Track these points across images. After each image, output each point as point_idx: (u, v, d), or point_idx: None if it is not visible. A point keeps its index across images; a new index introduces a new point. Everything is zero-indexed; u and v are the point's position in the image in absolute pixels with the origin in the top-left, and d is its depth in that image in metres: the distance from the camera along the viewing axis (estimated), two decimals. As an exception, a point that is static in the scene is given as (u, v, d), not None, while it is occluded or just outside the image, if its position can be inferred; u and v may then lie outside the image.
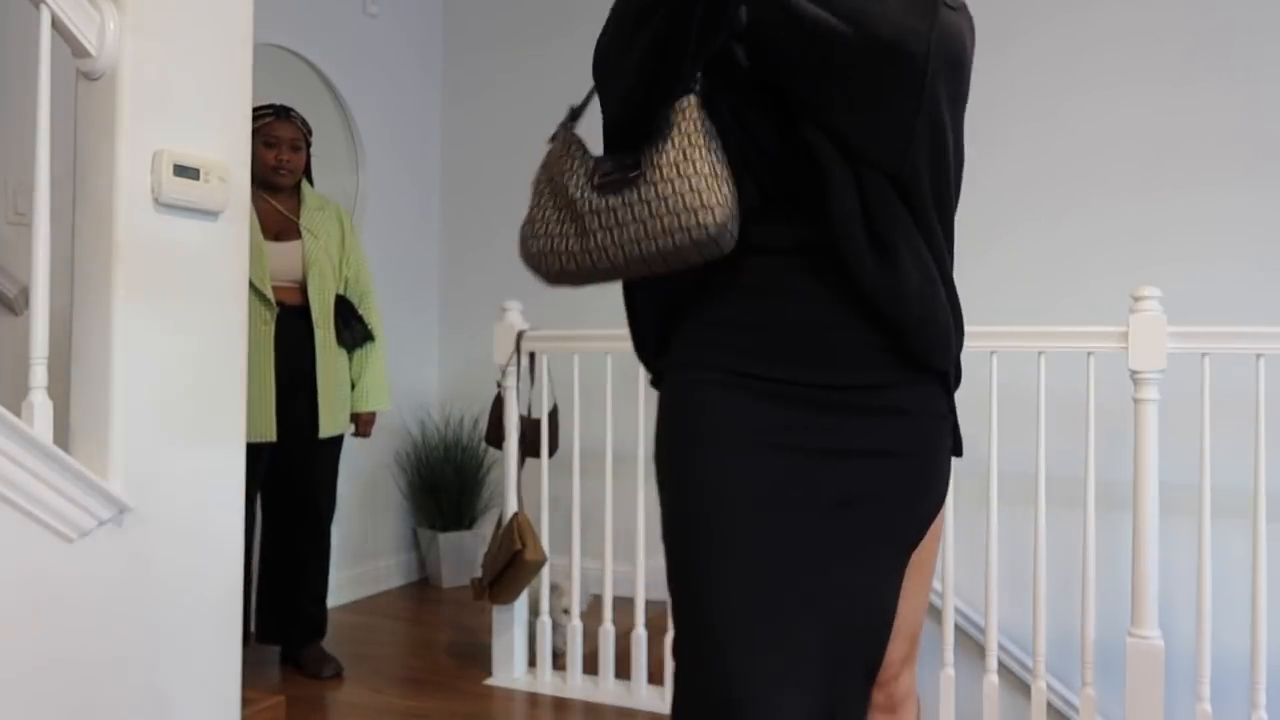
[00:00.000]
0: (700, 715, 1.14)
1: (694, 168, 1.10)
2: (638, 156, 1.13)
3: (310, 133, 3.03)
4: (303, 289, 2.90)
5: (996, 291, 3.36)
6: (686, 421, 1.21)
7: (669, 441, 1.22)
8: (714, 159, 1.10)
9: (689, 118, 1.12)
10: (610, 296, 2.57)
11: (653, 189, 1.10)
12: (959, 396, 1.48)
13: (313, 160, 3.08)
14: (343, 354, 2.98)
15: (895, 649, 1.30)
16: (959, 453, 1.36)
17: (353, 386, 3.02)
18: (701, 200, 1.08)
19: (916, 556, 1.27)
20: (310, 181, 3.07)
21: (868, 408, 1.19)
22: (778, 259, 1.19)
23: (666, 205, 1.09)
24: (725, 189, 1.10)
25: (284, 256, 2.88)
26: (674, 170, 1.10)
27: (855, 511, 1.18)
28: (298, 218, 2.94)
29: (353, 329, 2.99)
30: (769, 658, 1.12)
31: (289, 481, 2.95)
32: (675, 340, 1.27)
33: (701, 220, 1.08)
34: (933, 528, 1.30)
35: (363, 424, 3.08)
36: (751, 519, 1.15)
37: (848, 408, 1.19)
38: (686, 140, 1.11)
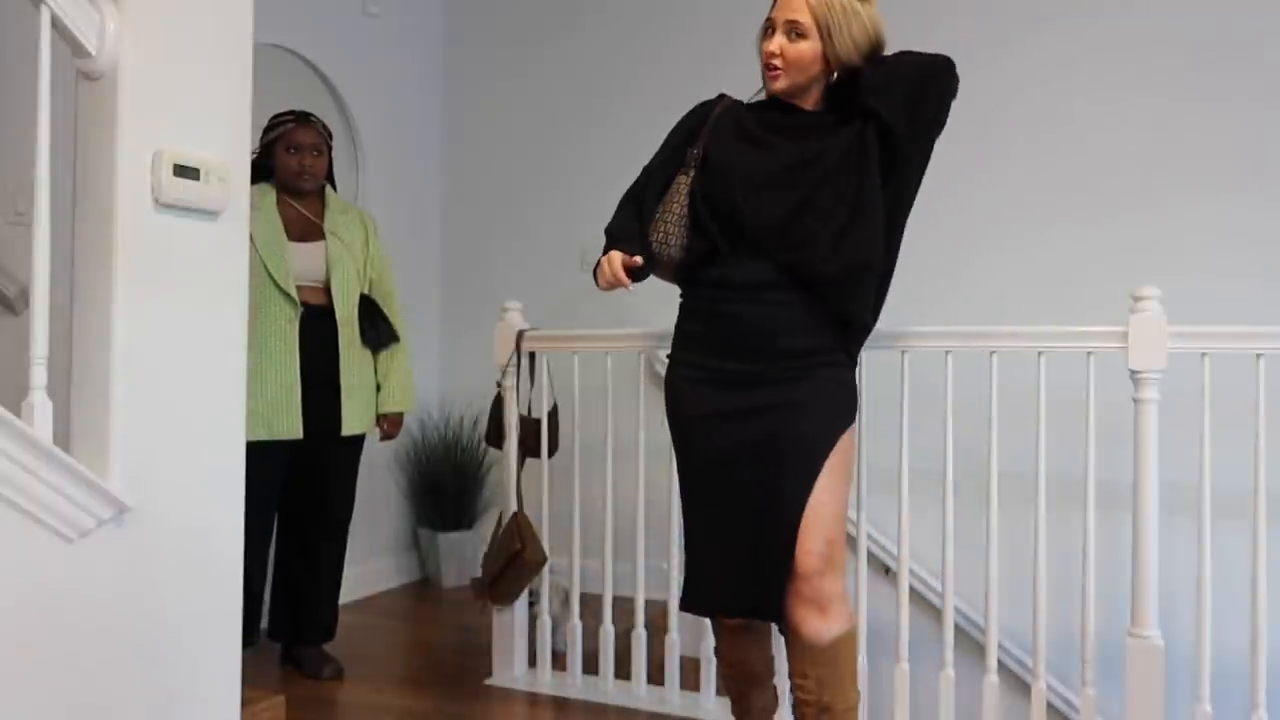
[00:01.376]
0: (687, 582, 2.02)
1: (670, 213, 2.03)
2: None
3: (331, 136, 3.04)
4: (327, 289, 2.91)
5: (997, 292, 3.36)
6: (669, 397, 2.06)
7: (666, 403, 2.06)
8: (681, 211, 2.02)
9: (679, 188, 2.03)
10: (608, 299, 2.58)
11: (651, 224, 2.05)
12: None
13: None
14: (367, 354, 2.99)
15: (811, 539, 1.88)
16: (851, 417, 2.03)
17: (378, 388, 3.03)
18: (660, 230, 2.03)
19: (826, 465, 1.91)
20: (333, 186, 3.08)
21: (777, 381, 1.93)
22: (724, 291, 1.96)
23: (653, 229, 2.04)
24: (674, 230, 2.02)
25: (307, 257, 2.89)
26: (660, 212, 2.04)
27: (770, 444, 1.90)
28: (321, 220, 2.96)
29: (378, 329, 2.99)
30: (710, 542, 1.97)
31: (309, 480, 2.95)
32: (674, 338, 2.08)
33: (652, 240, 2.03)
34: (834, 452, 1.93)
35: (389, 425, 3.08)
36: (703, 459, 1.98)
37: (762, 382, 1.94)
38: (671, 200, 2.04)
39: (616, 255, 1.97)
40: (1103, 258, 3.25)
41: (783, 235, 1.92)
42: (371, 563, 4.02)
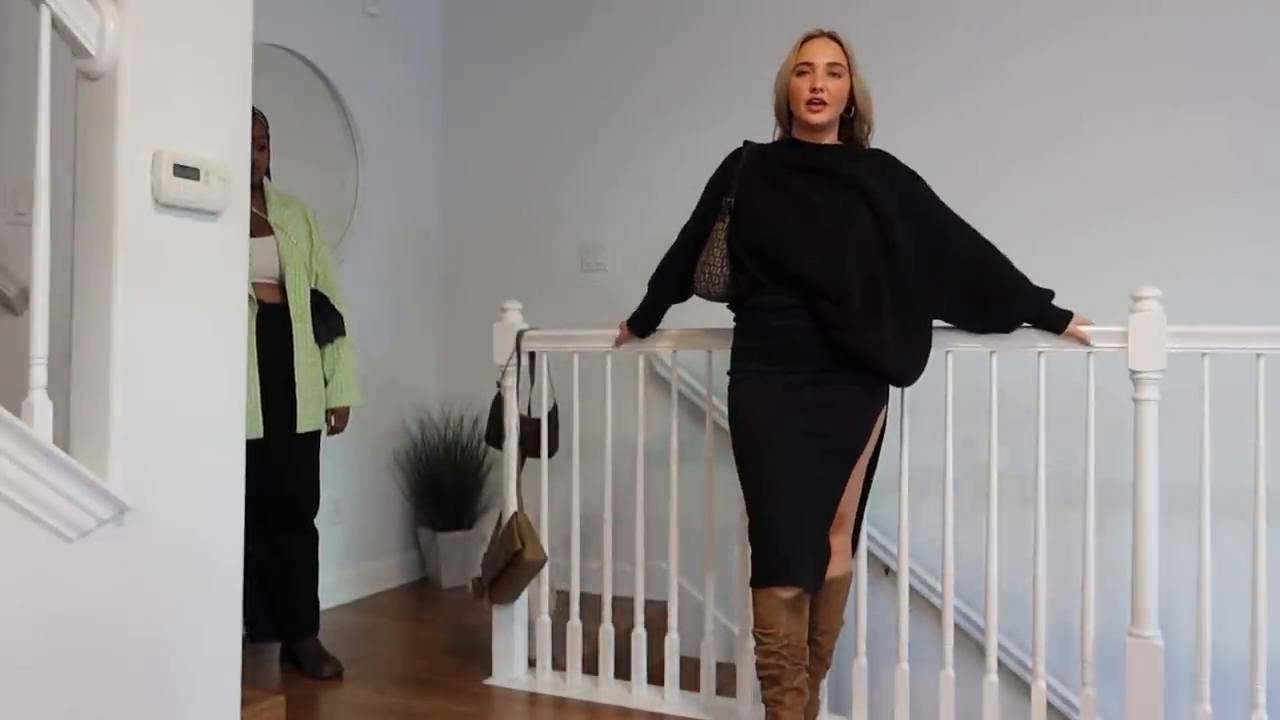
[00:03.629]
0: (763, 552, 2.25)
1: (712, 260, 2.37)
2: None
3: (268, 127, 3.01)
4: (280, 286, 2.90)
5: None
6: (736, 399, 2.33)
7: (731, 410, 2.34)
8: (721, 255, 2.36)
9: (716, 235, 2.37)
10: (608, 299, 2.58)
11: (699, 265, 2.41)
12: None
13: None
14: (317, 350, 2.98)
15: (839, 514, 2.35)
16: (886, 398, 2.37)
17: (325, 383, 3.02)
18: (705, 275, 2.39)
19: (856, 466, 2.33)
20: (269, 177, 3.05)
21: (826, 382, 2.27)
22: (768, 314, 2.31)
23: (698, 273, 2.41)
24: (717, 272, 2.38)
25: (259, 253, 2.86)
26: (704, 258, 2.39)
27: (821, 438, 2.25)
28: (265, 214, 2.93)
29: (329, 323, 2.99)
30: (789, 515, 2.23)
31: (272, 479, 2.90)
32: (732, 355, 2.39)
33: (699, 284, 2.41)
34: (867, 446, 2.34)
35: (338, 419, 3.07)
36: (773, 449, 2.25)
37: (812, 383, 2.26)
38: (712, 245, 2.38)
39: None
40: (1103, 259, 3.24)
41: (814, 274, 2.24)
42: (371, 563, 4.02)
